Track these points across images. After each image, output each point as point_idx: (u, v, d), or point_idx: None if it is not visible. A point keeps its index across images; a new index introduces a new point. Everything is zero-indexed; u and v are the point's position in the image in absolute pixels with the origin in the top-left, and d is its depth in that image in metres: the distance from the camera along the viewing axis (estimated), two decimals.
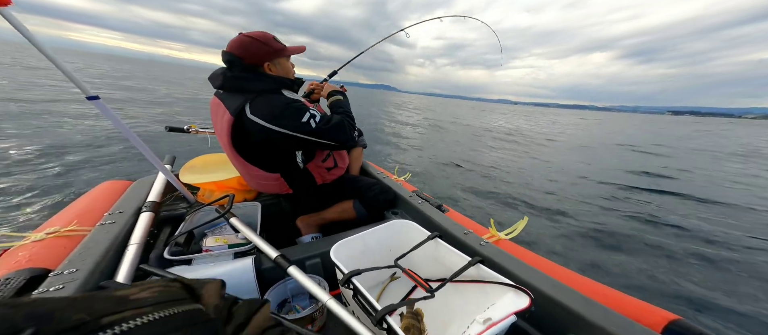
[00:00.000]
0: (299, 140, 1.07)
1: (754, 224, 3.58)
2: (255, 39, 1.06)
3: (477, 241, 0.92)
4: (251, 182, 1.30)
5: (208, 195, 1.36)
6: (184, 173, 1.44)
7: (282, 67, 1.16)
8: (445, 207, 1.18)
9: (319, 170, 1.29)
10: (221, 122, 1.10)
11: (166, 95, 13.72)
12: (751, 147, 12.86)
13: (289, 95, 1.13)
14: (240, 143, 1.12)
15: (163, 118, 7.72)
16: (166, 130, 1.75)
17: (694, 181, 5.48)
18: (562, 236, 3.01)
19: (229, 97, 1.08)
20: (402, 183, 1.48)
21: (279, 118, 1.03)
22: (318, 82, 1.63)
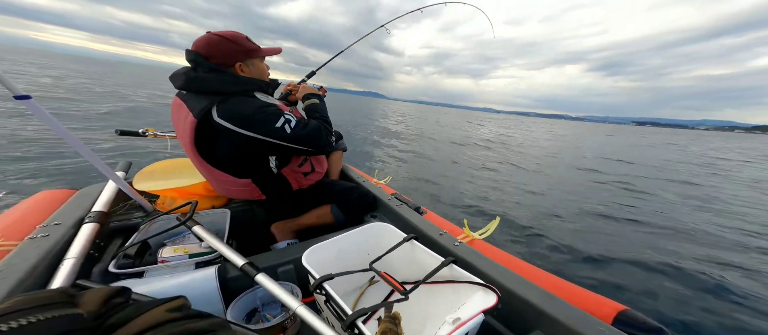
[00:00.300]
0: (273, 146, 1.01)
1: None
2: (225, 38, 1.00)
3: (451, 241, 0.93)
4: (219, 187, 1.22)
5: (169, 203, 1.26)
6: (139, 180, 1.32)
7: (256, 68, 1.10)
8: (422, 209, 1.19)
9: (295, 174, 1.23)
10: (183, 124, 1.01)
11: (121, 97, 12.60)
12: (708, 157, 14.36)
13: (262, 98, 1.07)
14: (205, 148, 1.04)
15: (117, 122, 7.10)
16: (116, 133, 1.58)
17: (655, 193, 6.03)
18: (531, 235, 3.17)
19: (192, 98, 1.00)
20: (382, 186, 1.48)
21: (250, 122, 0.96)
22: (295, 84, 1.58)
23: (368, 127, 13.93)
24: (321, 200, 1.29)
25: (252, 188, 1.17)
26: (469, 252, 0.89)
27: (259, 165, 1.15)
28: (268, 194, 1.20)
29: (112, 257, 0.93)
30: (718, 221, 4.24)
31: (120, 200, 1.28)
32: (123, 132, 1.59)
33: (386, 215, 1.25)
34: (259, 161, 1.15)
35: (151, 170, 1.43)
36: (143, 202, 1.24)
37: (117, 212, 1.22)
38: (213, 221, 1.11)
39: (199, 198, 1.29)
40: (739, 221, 4.29)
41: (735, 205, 5.22)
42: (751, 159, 14.71)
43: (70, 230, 0.93)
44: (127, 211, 1.25)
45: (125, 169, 1.58)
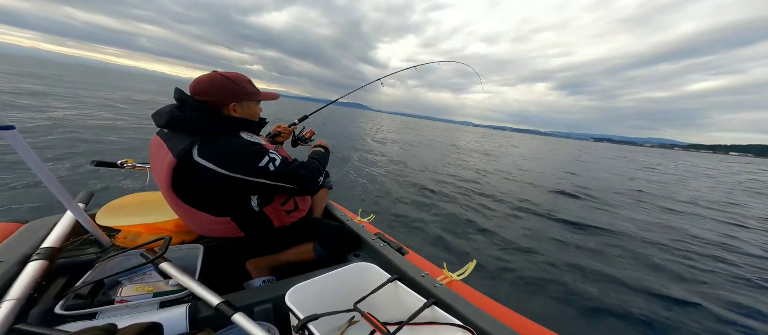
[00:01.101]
0: (255, 185, 1.00)
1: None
2: (228, 78, 1.04)
3: (432, 283, 0.96)
4: (193, 225, 1.16)
5: (133, 238, 1.16)
6: (104, 213, 1.21)
7: (248, 109, 1.11)
8: (405, 249, 1.21)
9: (278, 213, 1.20)
10: (161, 163, 0.97)
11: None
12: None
13: (246, 137, 1.06)
14: (182, 187, 1.00)
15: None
16: (92, 165, 1.49)
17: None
18: (507, 273, 3.20)
19: (173, 137, 0.97)
20: (365, 225, 1.48)
21: (233, 162, 0.95)
22: (285, 126, 1.63)
23: (356, 140, 13.99)
24: (303, 238, 1.26)
25: (230, 226, 1.12)
26: (449, 293, 0.92)
27: (240, 204, 1.12)
28: (247, 232, 1.15)
29: (58, 297, 0.82)
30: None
31: (75, 234, 1.16)
32: (100, 163, 1.50)
33: (369, 255, 1.24)
34: (239, 199, 1.11)
35: (120, 205, 1.33)
36: (101, 236, 1.14)
37: (67, 248, 1.10)
38: (182, 257, 1.04)
39: (169, 234, 1.20)
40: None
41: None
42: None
43: (12, 268, 0.83)
44: (81, 246, 1.13)
45: (85, 200, 1.46)
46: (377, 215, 1.96)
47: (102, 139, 6.73)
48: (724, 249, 4.53)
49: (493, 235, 4.44)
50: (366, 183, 6.42)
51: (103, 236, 1.13)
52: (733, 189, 11.95)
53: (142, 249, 0.99)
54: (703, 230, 5.48)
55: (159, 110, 1.02)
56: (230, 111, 1.06)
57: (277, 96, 1.23)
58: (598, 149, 66.67)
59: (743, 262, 4.09)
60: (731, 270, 3.77)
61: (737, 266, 3.94)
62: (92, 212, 1.21)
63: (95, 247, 1.13)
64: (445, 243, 3.97)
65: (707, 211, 7.17)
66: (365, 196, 5.72)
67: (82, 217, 1.04)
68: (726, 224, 6.03)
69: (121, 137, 7.21)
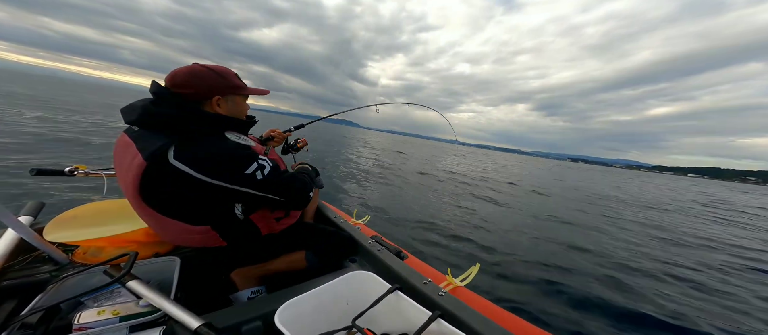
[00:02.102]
0: (240, 194, 0.89)
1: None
2: (211, 69, 0.93)
3: (436, 291, 0.90)
4: (167, 236, 1.02)
5: (95, 253, 1.02)
6: (53, 227, 1.05)
7: (235, 105, 1.00)
8: (404, 254, 1.15)
9: (266, 220, 1.09)
10: (129, 166, 0.83)
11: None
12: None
13: (233, 138, 0.93)
14: (152, 194, 0.86)
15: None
16: (31, 174, 1.23)
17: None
18: (506, 279, 3.19)
19: (145, 136, 0.84)
20: (361, 227, 1.41)
21: (215, 167, 0.83)
22: (280, 131, 1.54)
23: (347, 152, 13.79)
24: (294, 245, 1.16)
25: (210, 235, 0.99)
26: (455, 303, 0.86)
27: (222, 212, 0.98)
28: (230, 241, 1.03)
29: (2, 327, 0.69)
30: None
31: (21, 252, 1.00)
32: (40, 171, 1.25)
33: (367, 261, 1.17)
34: (221, 208, 0.98)
35: (72, 216, 1.16)
36: (55, 252, 0.99)
37: (13, 268, 0.94)
38: (156, 272, 0.92)
39: (138, 246, 1.07)
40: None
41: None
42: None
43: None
44: (29, 265, 0.98)
45: (33, 212, 1.28)
46: (373, 216, 1.89)
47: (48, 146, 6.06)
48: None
49: (497, 238, 4.46)
50: (359, 186, 6.30)
51: (57, 252, 0.98)
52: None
53: (107, 266, 0.87)
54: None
55: (130, 104, 0.88)
56: (213, 106, 0.94)
57: (266, 92, 1.13)
58: (588, 169, 67.69)
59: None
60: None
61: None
62: (41, 227, 1.05)
63: (49, 265, 0.99)
64: (445, 246, 3.92)
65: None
66: (359, 198, 5.62)
67: (27, 233, 0.89)
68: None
69: (74, 146, 6.57)
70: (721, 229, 7.55)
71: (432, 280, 0.95)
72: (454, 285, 0.97)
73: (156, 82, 0.91)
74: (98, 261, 0.98)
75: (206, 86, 0.92)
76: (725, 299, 3.28)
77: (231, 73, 0.99)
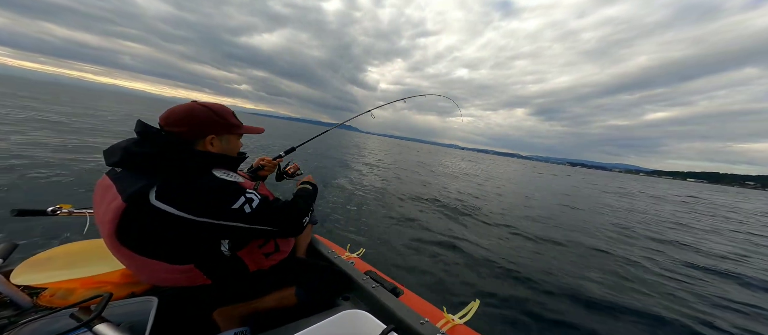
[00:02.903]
0: (226, 228, 0.86)
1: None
2: (210, 108, 0.94)
3: (433, 332, 0.84)
4: (144, 277, 0.94)
5: (64, 295, 0.94)
6: (23, 270, 0.97)
7: (228, 143, 1.00)
8: (400, 289, 1.09)
9: (254, 255, 1.04)
10: (106, 209, 0.80)
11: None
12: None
13: (220, 175, 0.91)
14: (130, 235, 0.81)
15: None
16: (12, 215, 1.14)
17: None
18: (510, 315, 2.93)
19: (125, 177, 0.82)
20: (355, 261, 1.34)
21: (200, 205, 0.81)
22: (270, 159, 1.49)
23: (344, 162, 13.28)
24: (284, 281, 1.09)
25: (194, 274, 0.92)
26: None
27: (207, 249, 0.93)
28: (215, 279, 0.96)
29: None
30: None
31: None
32: (21, 212, 1.17)
33: (360, 298, 1.10)
34: (205, 245, 0.93)
35: (46, 258, 1.08)
36: (17, 295, 0.91)
37: None
38: (130, 313, 0.84)
39: (114, 287, 0.99)
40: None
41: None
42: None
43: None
44: None
45: (4, 254, 1.19)
46: (367, 249, 1.80)
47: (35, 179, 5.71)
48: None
49: (498, 268, 4.24)
50: (353, 211, 6.08)
51: (20, 295, 0.90)
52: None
53: (75, 309, 0.79)
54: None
55: (113, 145, 0.87)
56: (207, 145, 0.94)
57: (261, 130, 1.14)
58: (595, 175, 66.24)
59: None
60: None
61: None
62: (10, 270, 0.98)
63: (10, 310, 0.90)
64: (442, 279, 3.69)
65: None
66: (353, 227, 5.39)
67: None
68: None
69: (62, 174, 6.22)
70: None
71: (429, 319, 0.89)
72: (453, 324, 0.91)
73: (141, 122, 0.90)
74: (66, 303, 0.90)
75: (202, 124, 0.93)
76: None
77: (228, 112, 1.00)
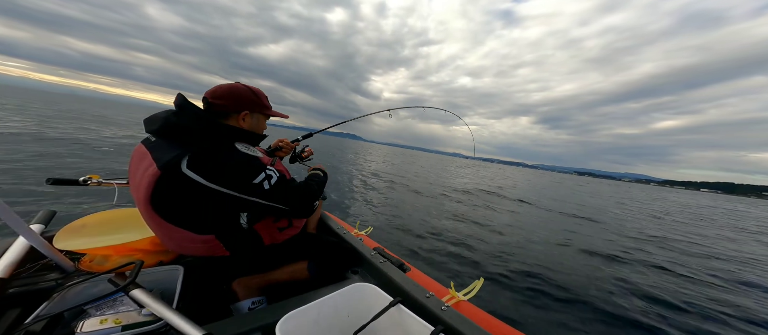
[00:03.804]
0: (246, 202, 0.91)
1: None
2: (250, 88, 1.06)
3: (438, 305, 0.89)
4: (171, 244, 1.02)
5: (101, 261, 1.04)
6: (64, 235, 1.08)
7: (257, 122, 1.09)
8: (406, 266, 1.14)
9: (269, 230, 1.11)
10: (142, 175, 0.86)
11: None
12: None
13: (242, 149, 0.96)
14: (162, 202, 0.88)
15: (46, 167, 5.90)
16: (47, 183, 1.29)
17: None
18: (511, 293, 3.08)
19: (161, 146, 0.88)
20: (363, 238, 1.40)
21: (226, 177, 0.87)
22: (289, 141, 1.56)
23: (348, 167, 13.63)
24: (297, 255, 1.17)
25: (214, 245, 1.00)
26: (457, 318, 0.85)
27: (227, 221, 1.00)
28: (233, 251, 1.04)
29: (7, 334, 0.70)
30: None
31: (30, 260, 1.02)
32: (56, 181, 1.31)
33: (369, 273, 1.16)
34: (227, 217, 1.00)
35: (81, 225, 1.19)
36: (61, 260, 1.01)
37: (21, 276, 0.96)
38: (159, 281, 0.93)
39: (143, 254, 1.08)
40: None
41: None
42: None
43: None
44: (37, 273, 0.99)
45: (45, 221, 1.31)
46: (375, 228, 1.88)
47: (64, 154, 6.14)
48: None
49: (501, 250, 4.33)
50: (362, 198, 6.25)
51: (64, 260, 1.00)
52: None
53: (111, 274, 0.88)
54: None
55: (153, 115, 0.93)
56: (239, 120, 1.03)
57: (287, 116, 1.23)
58: (612, 185, 63.57)
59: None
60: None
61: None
62: (52, 235, 1.08)
63: (56, 273, 1.00)
64: (449, 259, 3.82)
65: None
66: (362, 210, 5.56)
67: (37, 240, 0.91)
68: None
69: (86, 153, 6.62)
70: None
71: (435, 294, 0.93)
72: (458, 299, 0.95)
73: (182, 95, 0.96)
74: (104, 269, 1.00)
75: (241, 101, 1.03)
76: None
77: (263, 94, 1.12)
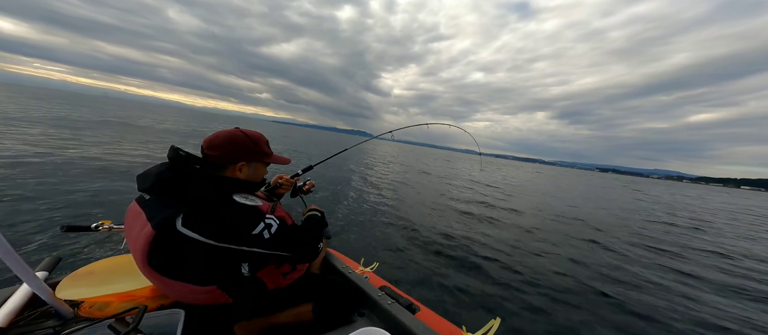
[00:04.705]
0: (247, 254, 0.91)
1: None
2: (249, 137, 1.03)
3: None
4: (173, 295, 0.99)
5: (101, 307, 1.00)
6: (68, 283, 1.06)
7: (255, 170, 1.06)
8: (416, 305, 1.06)
9: (273, 275, 1.07)
10: (138, 234, 0.85)
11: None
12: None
13: (240, 200, 0.95)
14: (160, 260, 0.86)
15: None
16: (61, 231, 1.28)
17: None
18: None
19: (154, 204, 0.87)
20: (369, 275, 1.34)
21: (223, 231, 0.85)
22: (288, 177, 1.56)
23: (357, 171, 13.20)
24: (301, 298, 1.11)
25: (217, 294, 0.97)
26: None
27: (228, 272, 0.97)
28: (236, 298, 1.00)
29: None
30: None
31: (31, 306, 1.00)
32: (70, 228, 1.30)
33: (376, 315, 1.09)
34: (227, 268, 0.97)
35: (88, 272, 1.17)
36: (61, 307, 0.98)
37: (19, 324, 0.93)
38: (160, 325, 0.89)
39: (145, 301, 1.05)
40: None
41: None
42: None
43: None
44: (35, 321, 0.96)
45: (50, 267, 1.30)
46: (381, 263, 1.79)
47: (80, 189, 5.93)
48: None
49: (521, 284, 3.98)
50: (365, 224, 6.01)
51: (64, 306, 0.97)
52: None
53: (111, 320, 0.84)
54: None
55: (146, 171, 0.93)
56: (235, 171, 1.01)
57: (288, 161, 1.18)
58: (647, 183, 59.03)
59: None
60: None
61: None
62: (56, 281, 1.06)
63: (54, 320, 0.97)
64: (461, 294, 3.47)
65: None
66: (365, 240, 5.30)
67: (40, 287, 0.91)
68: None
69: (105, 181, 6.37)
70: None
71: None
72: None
73: (174, 148, 0.94)
74: (104, 315, 0.96)
75: (236, 152, 1.00)
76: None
77: (263, 140, 1.09)
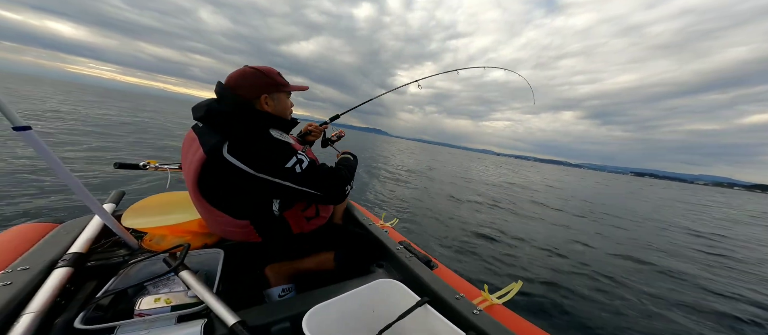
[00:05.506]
0: (279, 187, 0.94)
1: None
2: (258, 70, 1.03)
3: (470, 308, 0.83)
4: (214, 227, 1.13)
5: (158, 241, 1.16)
6: (129, 216, 1.22)
7: (280, 102, 1.08)
8: (434, 263, 1.09)
9: (298, 218, 1.15)
10: (192, 159, 0.95)
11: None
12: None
13: (276, 135, 1.01)
14: (207, 185, 0.96)
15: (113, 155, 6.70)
16: (114, 167, 1.50)
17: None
18: (552, 299, 2.89)
19: (207, 132, 0.95)
20: (389, 230, 1.38)
21: (261, 161, 0.91)
22: (317, 125, 1.57)
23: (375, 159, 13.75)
24: (323, 245, 1.20)
25: (249, 230, 1.08)
26: (491, 323, 0.78)
27: (261, 207, 1.06)
28: (265, 237, 1.11)
29: (81, 306, 0.81)
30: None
31: (103, 237, 1.18)
32: (122, 165, 1.50)
33: (394, 267, 1.14)
34: (261, 202, 1.06)
35: (144, 206, 1.34)
36: (128, 238, 1.15)
37: (97, 251, 1.11)
38: (204, 262, 1.01)
39: (192, 236, 1.19)
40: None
41: None
42: None
43: (37, 277, 0.82)
44: (109, 248, 1.14)
45: (116, 200, 1.50)
46: (401, 221, 1.83)
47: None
48: None
49: (544, 251, 4.02)
50: (389, 189, 6.18)
51: (130, 238, 1.13)
52: None
53: (166, 255, 0.97)
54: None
55: (198, 103, 1.01)
56: (262, 104, 1.04)
57: (306, 88, 1.18)
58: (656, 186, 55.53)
59: None
60: None
61: None
62: (120, 213, 1.23)
63: (124, 249, 1.15)
64: (482, 259, 3.60)
65: None
66: (388, 201, 5.51)
67: (109, 220, 1.04)
68: None
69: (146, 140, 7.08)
70: None
71: (465, 295, 0.87)
72: (491, 303, 0.88)
73: (220, 83, 1.02)
74: (160, 248, 1.12)
75: (253, 85, 1.01)
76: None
77: (274, 71, 1.07)
